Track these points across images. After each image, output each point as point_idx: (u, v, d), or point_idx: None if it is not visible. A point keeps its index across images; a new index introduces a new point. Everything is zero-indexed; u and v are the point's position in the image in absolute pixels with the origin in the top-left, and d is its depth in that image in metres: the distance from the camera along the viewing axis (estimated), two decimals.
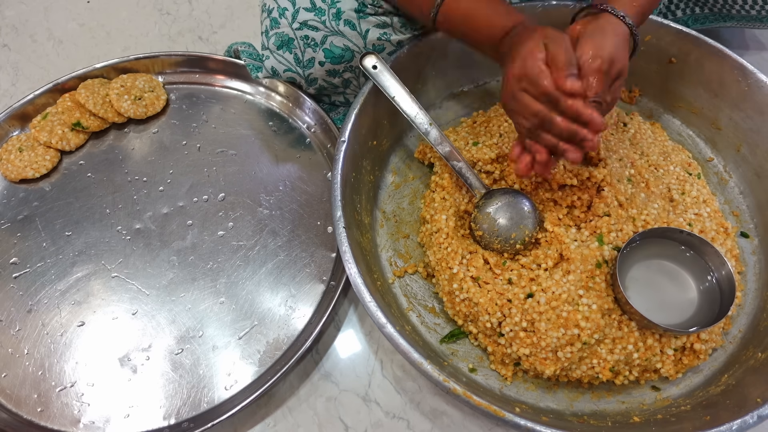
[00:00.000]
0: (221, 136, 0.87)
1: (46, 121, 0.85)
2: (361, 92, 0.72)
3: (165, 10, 1.10)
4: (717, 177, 0.79)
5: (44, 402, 0.67)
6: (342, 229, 0.64)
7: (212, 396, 0.66)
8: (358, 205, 0.72)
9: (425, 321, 0.69)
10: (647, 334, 0.61)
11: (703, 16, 0.88)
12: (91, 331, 0.71)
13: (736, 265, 0.69)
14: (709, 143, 0.81)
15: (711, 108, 0.78)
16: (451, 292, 0.66)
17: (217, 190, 0.82)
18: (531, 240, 0.68)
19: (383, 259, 0.73)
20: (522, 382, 0.65)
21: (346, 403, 0.68)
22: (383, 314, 0.59)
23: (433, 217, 0.71)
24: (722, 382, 0.62)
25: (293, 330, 0.71)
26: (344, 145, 0.69)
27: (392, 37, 0.74)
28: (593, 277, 0.62)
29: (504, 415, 0.53)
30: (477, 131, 0.78)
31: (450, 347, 0.67)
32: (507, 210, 0.68)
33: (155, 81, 0.91)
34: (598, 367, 0.61)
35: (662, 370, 0.62)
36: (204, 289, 0.74)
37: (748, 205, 0.76)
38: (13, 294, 0.74)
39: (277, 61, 0.77)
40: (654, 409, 0.62)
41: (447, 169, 0.73)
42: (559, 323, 0.60)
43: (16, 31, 1.08)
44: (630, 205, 0.69)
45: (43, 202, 0.81)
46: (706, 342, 0.62)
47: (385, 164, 0.80)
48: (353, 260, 0.62)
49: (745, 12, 0.83)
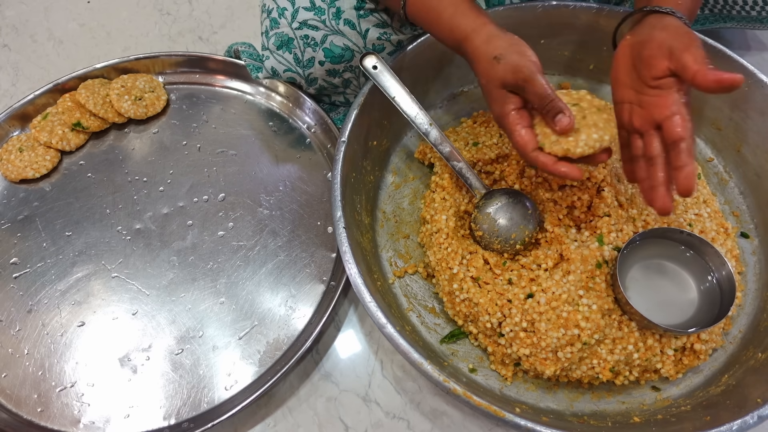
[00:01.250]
0: (221, 136, 0.87)
1: (46, 122, 0.85)
2: (361, 92, 0.72)
3: (165, 11, 1.10)
4: (717, 177, 0.78)
5: (44, 402, 0.67)
6: (342, 229, 0.64)
7: (212, 396, 0.67)
8: (358, 205, 0.72)
9: (425, 321, 0.69)
10: (647, 335, 0.61)
11: (704, 17, 0.88)
12: (92, 332, 0.71)
13: (737, 265, 0.69)
14: (709, 143, 0.81)
15: (711, 108, 0.78)
16: (451, 292, 0.66)
17: (217, 191, 0.82)
18: (531, 240, 0.68)
19: (383, 259, 0.73)
20: (522, 383, 0.65)
21: (346, 403, 0.68)
22: (383, 314, 0.58)
23: (433, 218, 0.71)
24: (722, 382, 0.62)
25: (293, 330, 0.71)
26: (344, 146, 0.69)
27: (392, 37, 0.74)
28: (593, 278, 0.62)
29: (504, 415, 0.53)
30: (477, 131, 0.78)
31: (450, 347, 0.67)
32: (507, 210, 0.68)
33: (156, 81, 0.91)
34: (598, 367, 0.61)
35: (662, 370, 0.62)
36: (204, 290, 0.74)
37: (748, 206, 0.76)
38: (13, 294, 0.74)
39: (277, 61, 0.77)
40: (654, 409, 0.61)
41: (447, 169, 0.73)
42: (559, 323, 0.60)
43: (17, 31, 1.08)
44: (630, 205, 0.69)
45: (43, 203, 0.81)
46: (706, 342, 0.62)
47: (385, 164, 0.80)
48: (353, 260, 0.62)
49: (745, 13, 0.83)
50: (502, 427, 0.65)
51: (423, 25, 0.67)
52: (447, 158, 0.70)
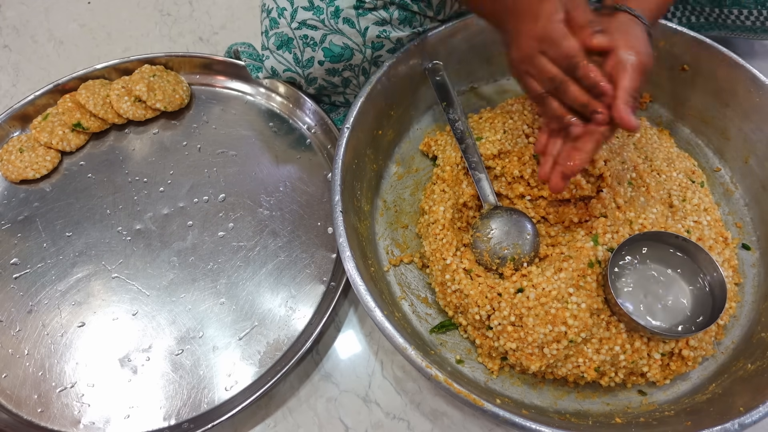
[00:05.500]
0: (221, 136, 0.87)
1: (46, 122, 0.85)
2: (368, 81, 0.73)
3: (165, 11, 1.10)
4: (723, 187, 0.78)
5: (44, 402, 0.67)
6: (339, 212, 0.65)
7: (212, 397, 0.66)
8: (358, 192, 0.72)
9: (417, 310, 0.69)
10: (635, 337, 0.61)
11: (699, 25, 0.88)
12: (92, 332, 0.71)
13: (734, 275, 0.68)
14: (717, 153, 0.80)
15: (721, 117, 0.78)
16: (443, 282, 0.66)
17: (217, 191, 0.82)
18: (521, 262, 0.67)
19: (380, 247, 0.74)
20: (508, 377, 0.64)
21: (346, 403, 0.68)
22: (372, 298, 0.59)
23: (431, 208, 0.71)
24: (709, 390, 0.61)
25: (293, 331, 0.71)
26: (348, 132, 0.70)
27: (391, 35, 0.74)
28: (584, 276, 0.62)
29: (483, 404, 0.53)
30: (482, 126, 0.78)
31: (439, 338, 0.67)
32: (507, 225, 0.68)
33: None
34: (583, 366, 0.60)
35: (649, 374, 0.61)
36: (204, 290, 0.73)
37: (752, 218, 0.75)
38: (13, 294, 0.74)
39: (277, 61, 0.77)
40: (638, 412, 0.61)
41: (449, 161, 0.74)
42: (547, 320, 0.60)
43: (17, 32, 1.08)
44: (628, 208, 0.68)
45: (43, 203, 0.81)
46: (695, 349, 0.61)
47: (389, 154, 0.81)
48: (347, 243, 0.62)
49: (740, 22, 0.84)
50: (502, 427, 0.65)
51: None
52: (473, 167, 0.71)
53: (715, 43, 0.75)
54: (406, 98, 0.80)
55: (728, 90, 0.76)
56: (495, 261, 0.67)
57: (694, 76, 0.79)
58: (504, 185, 0.73)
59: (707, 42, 0.76)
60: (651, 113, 0.84)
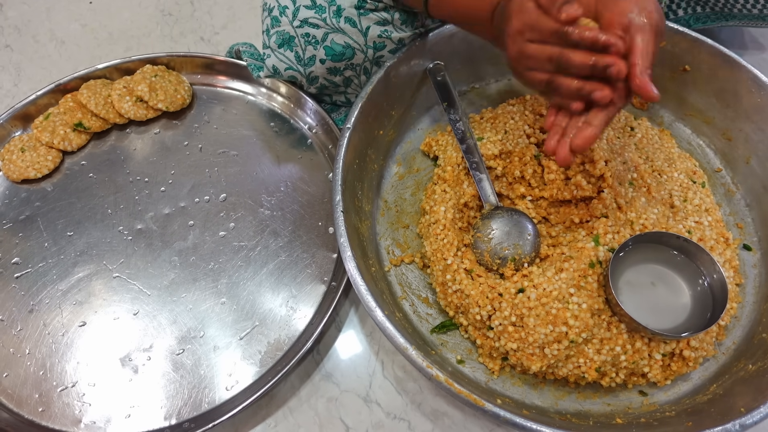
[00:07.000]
0: (223, 136, 0.87)
1: (48, 122, 0.85)
2: (369, 81, 0.73)
3: (167, 11, 1.10)
4: (724, 188, 0.78)
5: (45, 402, 0.67)
6: (339, 212, 0.65)
7: (213, 396, 0.66)
8: (359, 191, 0.72)
9: (418, 310, 0.69)
10: (636, 337, 0.61)
11: (705, 15, 0.87)
12: (93, 331, 0.71)
13: (735, 276, 0.68)
14: (718, 154, 0.80)
15: (723, 118, 0.78)
16: (444, 282, 0.66)
17: (218, 191, 0.82)
18: (522, 262, 0.67)
19: (381, 247, 0.74)
20: (509, 377, 0.64)
21: (347, 403, 0.68)
22: (373, 298, 0.59)
23: (433, 209, 0.71)
24: (710, 391, 0.61)
25: (294, 330, 0.71)
26: (349, 132, 0.70)
27: (393, 35, 0.74)
28: (585, 277, 0.62)
29: (484, 404, 0.53)
30: (483, 126, 0.78)
31: (440, 338, 0.67)
32: (508, 225, 0.68)
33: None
34: (584, 366, 0.60)
35: (650, 374, 0.61)
36: (205, 290, 0.74)
37: (753, 218, 0.75)
38: (14, 294, 0.74)
39: (278, 59, 0.77)
40: (639, 413, 0.61)
41: (450, 162, 0.74)
42: (548, 320, 0.60)
43: (19, 31, 1.08)
44: (629, 208, 0.68)
45: (44, 203, 0.81)
46: (696, 350, 0.61)
47: (390, 154, 0.81)
48: (348, 243, 0.62)
49: (746, 11, 0.83)
50: (503, 428, 0.65)
51: (446, 14, 0.67)
52: (474, 168, 0.71)
53: (717, 44, 0.75)
54: (407, 98, 0.81)
55: (729, 90, 0.76)
56: (496, 261, 0.67)
57: (695, 77, 0.79)
58: (505, 185, 0.73)
59: (709, 42, 0.75)
60: (652, 114, 0.84)
